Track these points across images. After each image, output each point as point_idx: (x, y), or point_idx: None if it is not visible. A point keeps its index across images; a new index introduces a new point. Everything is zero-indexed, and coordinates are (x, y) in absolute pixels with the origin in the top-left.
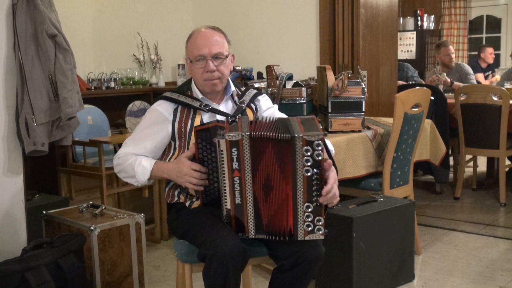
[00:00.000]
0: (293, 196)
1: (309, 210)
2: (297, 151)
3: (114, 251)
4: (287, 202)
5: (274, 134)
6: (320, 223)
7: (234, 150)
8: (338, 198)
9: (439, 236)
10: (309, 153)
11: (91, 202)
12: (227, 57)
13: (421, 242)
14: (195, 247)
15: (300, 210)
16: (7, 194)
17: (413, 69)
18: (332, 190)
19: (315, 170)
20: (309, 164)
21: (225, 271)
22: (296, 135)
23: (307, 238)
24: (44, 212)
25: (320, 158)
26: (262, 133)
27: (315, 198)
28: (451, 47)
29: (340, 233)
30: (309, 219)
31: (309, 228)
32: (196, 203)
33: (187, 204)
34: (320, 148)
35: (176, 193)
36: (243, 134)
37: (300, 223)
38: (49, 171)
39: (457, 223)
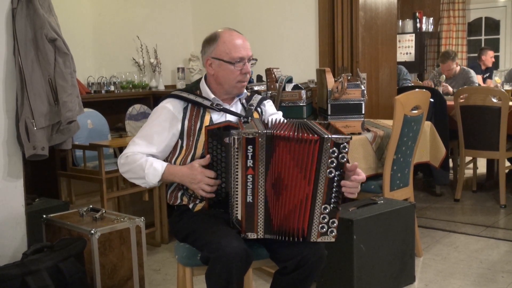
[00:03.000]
0: (312, 196)
1: (326, 211)
2: (324, 152)
3: (115, 254)
4: (306, 203)
5: (297, 134)
6: (334, 225)
7: (250, 147)
8: (358, 191)
9: (439, 238)
10: (334, 155)
11: (91, 206)
12: (255, 60)
13: (422, 244)
14: (197, 250)
15: (318, 211)
16: (7, 198)
17: (405, 72)
18: (361, 182)
19: (337, 172)
20: (333, 165)
21: (228, 274)
22: (325, 136)
23: (319, 240)
24: (44, 216)
25: (344, 160)
26: (283, 132)
27: (333, 200)
28: (450, 62)
29: (340, 236)
30: (325, 221)
31: (323, 230)
32: (199, 206)
33: (190, 206)
34: (345, 150)
35: (179, 195)
36: (260, 132)
37: (315, 224)
38: (49, 175)
39: (457, 225)
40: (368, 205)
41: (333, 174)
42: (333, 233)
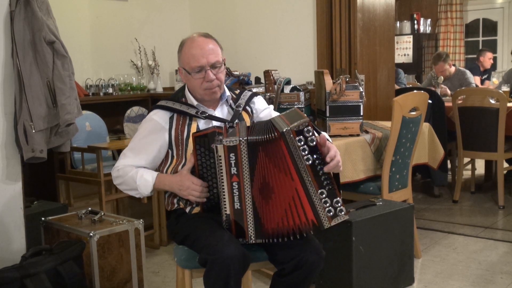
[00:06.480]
0: (304, 189)
1: (324, 195)
2: (291, 145)
3: (114, 257)
4: (299, 197)
5: (263, 136)
6: (339, 204)
7: (232, 155)
8: (341, 164)
9: (438, 240)
10: (302, 142)
11: (89, 209)
12: (223, 64)
13: (421, 245)
14: (195, 252)
15: (316, 199)
16: (6, 201)
17: (402, 76)
18: (336, 156)
19: (314, 156)
20: (306, 152)
21: (226, 276)
22: (284, 130)
23: (333, 223)
24: (43, 219)
25: (314, 143)
26: (255, 137)
27: (326, 182)
28: (441, 63)
29: (339, 237)
30: (328, 205)
31: (331, 213)
32: (196, 209)
33: (187, 210)
34: (310, 133)
35: (175, 200)
36: (241, 139)
37: (321, 211)
38: (47, 178)
39: (456, 226)
40: (367, 206)
41: (311, 160)
42: (343, 212)
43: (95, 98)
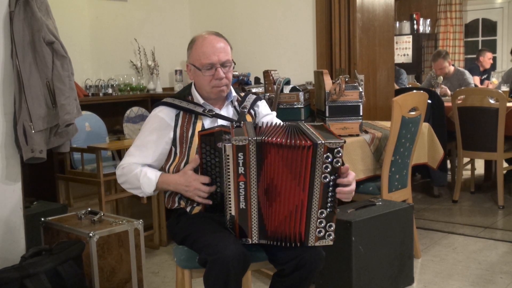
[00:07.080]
0: (308, 202)
1: (323, 216)
2: (317, 158)
3: (113, 257)
4: (302, 208)
5: (289, 141)
6: (332, 228)
7: (240, 154)
8: (353, 192)
9: (438, 240)
10: (329, 160)
11: (89, 209)
12: (234, 63)
13: (420, 245)
14: (195, 252)
15: (314, 216)
16: (6, 202)
17: (404, 77)
18: (352, 184)
19: (332, 177)
20: (327, 170)
21: (226, 276)
22: (319, 142)
23: (317, 243)
24: (42, 219)
25: (339, 165)
26: (275, 139)
27: (329, 204)
28: (441, 60)
29: (339, 237)
30: (322, 225)
31: (321, 234)
32: (197, 209)
33: (188, 209)
34: (340, 155)
35: (176, 199)
36: (250, 139)
37: (313, 229)
38: (47, 178)
39: (455, 226)
40: (367, 206)
41: (328, 179)
42: (331, 237)
43: (95, 99)
